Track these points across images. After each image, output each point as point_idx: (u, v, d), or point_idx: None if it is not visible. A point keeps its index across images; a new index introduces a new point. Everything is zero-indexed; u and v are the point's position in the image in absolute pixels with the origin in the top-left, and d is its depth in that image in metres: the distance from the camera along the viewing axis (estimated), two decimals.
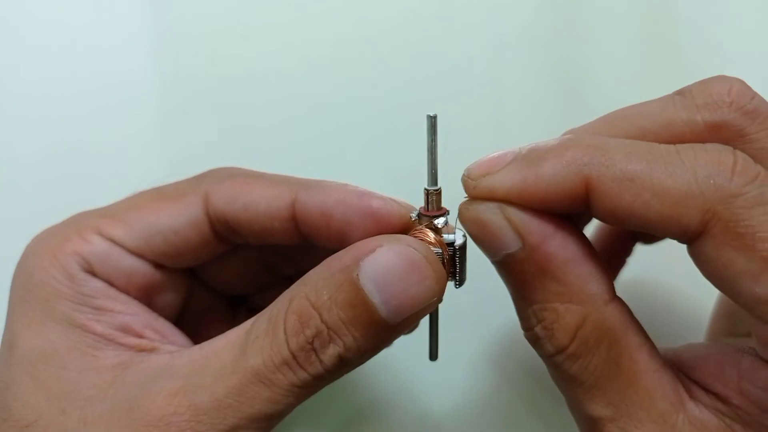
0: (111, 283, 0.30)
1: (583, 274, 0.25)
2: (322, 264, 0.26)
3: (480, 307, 0.40)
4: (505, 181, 0.25)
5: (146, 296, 0.31)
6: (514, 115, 0.44)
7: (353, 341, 0.24)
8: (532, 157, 0.24)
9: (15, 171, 0.44)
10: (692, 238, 0.23)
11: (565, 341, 0.25)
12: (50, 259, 0.29)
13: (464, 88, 0.44)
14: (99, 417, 0.26)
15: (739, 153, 0.23)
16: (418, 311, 0.25)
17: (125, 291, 0.30)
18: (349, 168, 0.44)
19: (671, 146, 0.23)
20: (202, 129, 0.32)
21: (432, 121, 0.25)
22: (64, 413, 0.26)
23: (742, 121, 0.24)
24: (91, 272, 0.29)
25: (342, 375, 0.26)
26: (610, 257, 0.37)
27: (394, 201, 0.28)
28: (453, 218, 0.27)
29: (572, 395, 0.26)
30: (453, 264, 0.26)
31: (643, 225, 0.24)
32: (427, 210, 0.27)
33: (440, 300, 0.26)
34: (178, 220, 0.30)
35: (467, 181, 0.26)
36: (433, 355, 0.30)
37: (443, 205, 0.28)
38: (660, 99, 0.26)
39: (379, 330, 0.24)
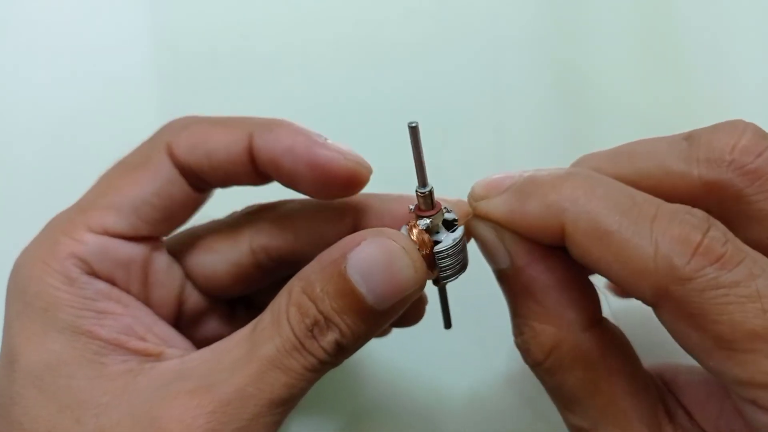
0: (113, 282, 0.30)
1: (562, 300, 0.26)
2: (314, 260, 0.27)
3: (485, 311, 0.40)
4: (496, 208, 0.27)
5: (145, 290, 0.31)
6: (514, 115, 0.45)
7: (347, 328, 0.26)
8: (523, 190, 0.26)
9: (14, 171, 0.44)
10: (650, 305, 0.24)
11: (539, 357, 0.27)
12: (43, 267, 0.28)
13: (464, 88, 0.45)
14: (117, 423, 0.26)
15: (713, 229, 0.23)
16: (403, 298, 0.26)
17: (126, 288, 0.30)
18: None
19: (653, 206, 0.24)
20: None
21: (413, 131, 0.26)
22: (79, 422, 0.26)
23: (740, 182, 0.24)
24: (92, 273, 0.29)
25: (346, 358, 0.27)
26: None
27: (342, 155, 0.29)
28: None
29: (554, 403, 0.28)
30: (434, 262, 0.28)
31: (610, 280, 0.25)
32: (420, 209, 0.28)
33: (422, 288, 0.27)
34: (156, 183, 0.30)
35: (470, 200, 0.29)
36: (447, 323, 0.32)
37: (450, 202, 0.29)
38: (668, 140, 0.26)
39: (369, 316, 0.26)
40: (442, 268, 0.28)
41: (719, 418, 0.25)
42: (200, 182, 0.31)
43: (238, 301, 0.37)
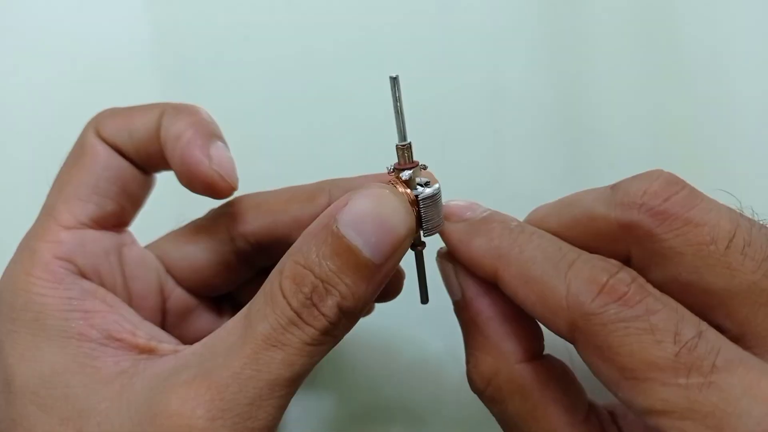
0: (98, 277, 0.30)
1: (501, 332, 0.29)
2: (301, 235, 0.27)
3: None
4: (450, 234, 0.29)
5: (126, 283, 0.32)
6: (514, 119, 0.45)
7: (347, 288, 0.26)
8: (475, 230, 0.29)
9: (14, 172, 0.44)
10: (569, 341, 0.26)
11: (481, 386, 0.29)
12: (27, 278, 0.28)
13: (464, 92, 0.45)
14: (120, 427, 0.26)
15: (622, 273, 0.25)
16: (398, 246, 0.26)
17: (111, 283, 0.31)
18: (348, 167, 0.44)
19: (574, 254, 0.26)
20: None
21: (394, 82, 0.27)
22: None
23: (650, 223, 0.25)
24: (77, 272, 0.29)
25: (348, 329, 0.27)
26: None
27: (209, 161, 0.30)
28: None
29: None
30: (419, 211, 0.28)
31: (535, 318, 0.27)
32: (400, 164, 0.29)
33: (413, 233, 0.27)
34: (99, 165, 0.31)
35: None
36: (424, 298, 0.32)
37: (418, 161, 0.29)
38: (598, 190, 0.28)
39: (368, 272, 0.26)
40: (425, 218, 0.28)
41: None
42: (138, 163, 0.32)
43: (224, 301, 0.37)
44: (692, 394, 0.22)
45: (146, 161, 0.32)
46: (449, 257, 0.30)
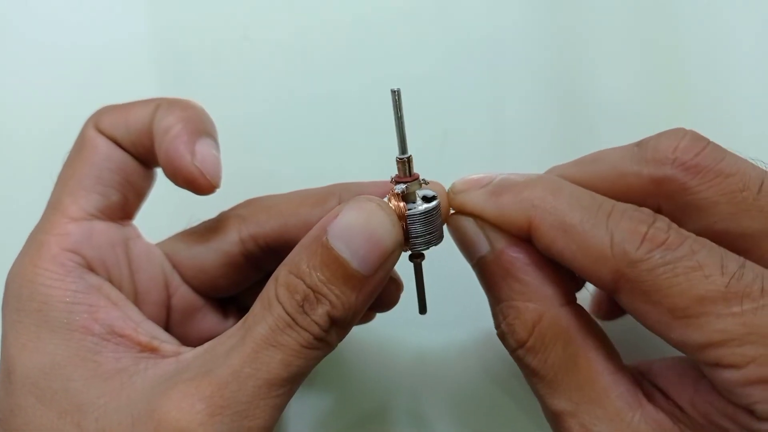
0: (106, 270, 0.30)
1: (540, 276, 0.28)
2: (296, 246, 0.28)
3: (467, 309, 0.41)
4: (473, 200, 0.29)
5: (132, 276, 0.32)
6: (514, 114, 0.45)
7: (336, 298, 0.26)
8: (499, 188, 0.29)
9: (15, 172, 0.44)
10: (611, 291, 0.26)
11: (524, 336, 0.28)
12: (33, 269, 0.29)
13: (464, 88, 0.45)
14: (118, 424, 0.26)
15: (657, 221, 0.26)
16: (385, 258, 0.27)
17: (117, 277, 0.31)
18: (348, 167, 0.45)
19: (609, 204, 0.27)
20: None
21: (396, 95, 0.28)
22: (80, 427, 0.26)
23: (683, 177, 0.27)
24: (84, 265, 0.30)
25: (341, 336, 0.27)
26: None
27: (192, 158, 0.31)
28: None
29: (537, 389, 0.29)
30: (407, 226, 0.28)
31: (573, 269, 0.27)
32: (401, 176, 0.29)
33: (400, 246, 0.28)
34: (100, 156, 0.31)
35: (449, 193, 0.31)
36: (422, 309, 0.32)
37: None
38: (623, 148, 0.29)
39: (356, 283, 0.26)
40: (412, 235, 0.28)
41: (694, 394, 0.26)
42: (137, 156, 0.32)
43: (230, 304, 0.37)
44: (748, 320, 0.23)
45: (143, 155, 0.32)
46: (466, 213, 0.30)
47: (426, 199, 0.29)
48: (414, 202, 0.29)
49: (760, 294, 0.24)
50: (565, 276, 0.29)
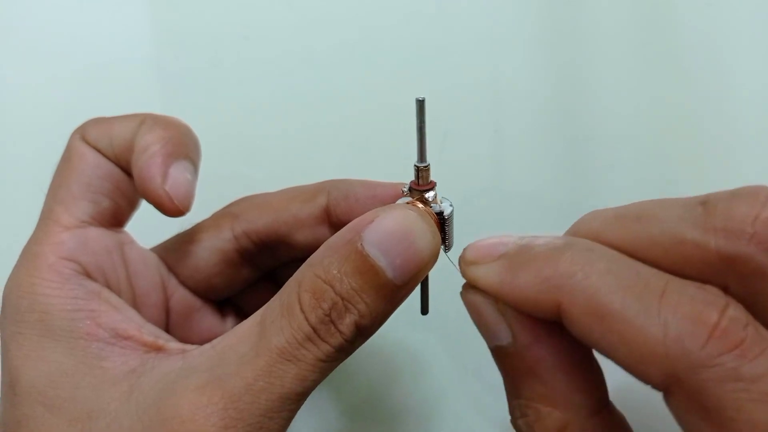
0: (104, 276, 0.30)
1: (569, 383, 0.24)
2: (323, 246, 0.26)
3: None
4: (486, 277, 0.24)
5: (129, 281, 0.32)
6: (514, 117, 0.45)
7: (366, 307, 0.25)
8: (517, 262, 0.24)
9: (15, 172, 0.44)
10: (661, 390, 0.21)
11: None
12: (30, 280, 0.28)
13: (464, 90, 0.45)
14: (129, 428, 0.25)
15: (731, 308, 0.20)
16: (422, 268, 0.26)
17: (115, 282, 0.31)
18: (348, 167, 0.44)
19: (661, 281, 0.21)
20: (203, 129, 0.33)
21: (420, 105, 0.27)
22: None
23: (763, 258, 0.20)
24: (82, 272, 0.29)
25: (358, 346, 0.27)
26: None
27: (162, 180, 0.30)
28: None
29: None
30: (442, 230, 0.28)
31: (615, 363, 0.22)
32: (418, 184, 0.29)
33: (436, 257, 0.27)
34: (88, 165, 0.31)
35: (461, 263, 0.26)
36: (425, 309, 0.32)
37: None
38: (681, 204, 0.23)
39: (388, 292, 0.25)
40: (446, 236, 0.28)
41: None
42: (123, 168, 0.32)
43: (227, 306, 0.37)
44: None
45: (126, 169, 0.32)
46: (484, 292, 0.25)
47: (425, 201, 0.29)
48: (432, 207, 0.28)
49: None
50: (599, 376, 0.25)
